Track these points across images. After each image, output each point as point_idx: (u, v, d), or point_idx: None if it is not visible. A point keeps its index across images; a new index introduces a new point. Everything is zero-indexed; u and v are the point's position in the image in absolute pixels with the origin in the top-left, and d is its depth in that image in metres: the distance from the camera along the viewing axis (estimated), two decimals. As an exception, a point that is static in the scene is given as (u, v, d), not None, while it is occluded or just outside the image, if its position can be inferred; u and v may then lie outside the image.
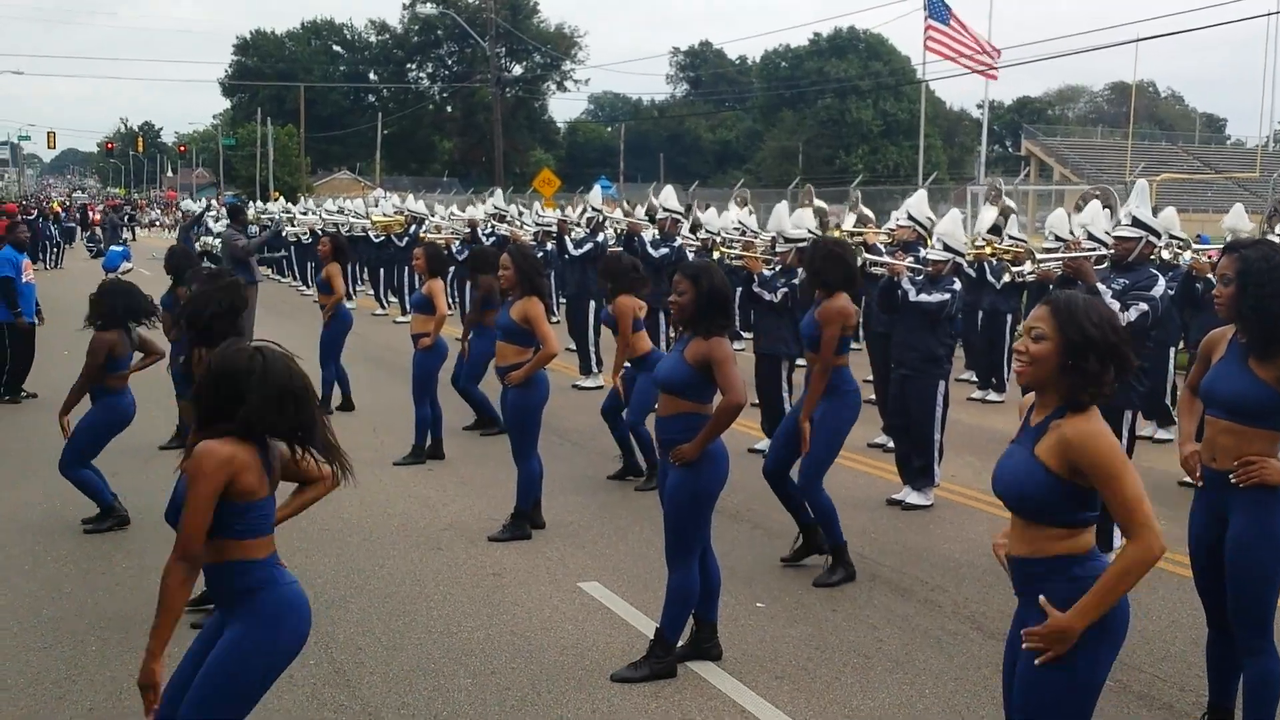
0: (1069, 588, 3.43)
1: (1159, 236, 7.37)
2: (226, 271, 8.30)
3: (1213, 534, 4.68)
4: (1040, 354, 3.43)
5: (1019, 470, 3.51)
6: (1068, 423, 3.43)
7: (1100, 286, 7.02)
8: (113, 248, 33.52)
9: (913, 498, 8.85)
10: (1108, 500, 3.41)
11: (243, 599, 3.81)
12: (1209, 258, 9.89)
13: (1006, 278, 11.08)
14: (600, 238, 15.05)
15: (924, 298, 8.64)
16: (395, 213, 23.87)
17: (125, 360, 8.16)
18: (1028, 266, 8.11)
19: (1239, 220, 11.27)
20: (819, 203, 16.29)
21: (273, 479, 3.91)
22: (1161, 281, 7.32)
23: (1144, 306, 7.05)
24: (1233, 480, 4.53)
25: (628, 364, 9.31)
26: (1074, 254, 7.52)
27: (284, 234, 26.15)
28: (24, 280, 12.89)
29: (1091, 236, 8.31)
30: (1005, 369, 13.32)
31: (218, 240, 23.54)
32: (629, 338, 9.09)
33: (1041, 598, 3.45)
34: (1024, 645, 3.48)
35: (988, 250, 12.45)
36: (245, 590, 3.81)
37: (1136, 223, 7.30)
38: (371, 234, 23.80)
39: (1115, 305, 6.99)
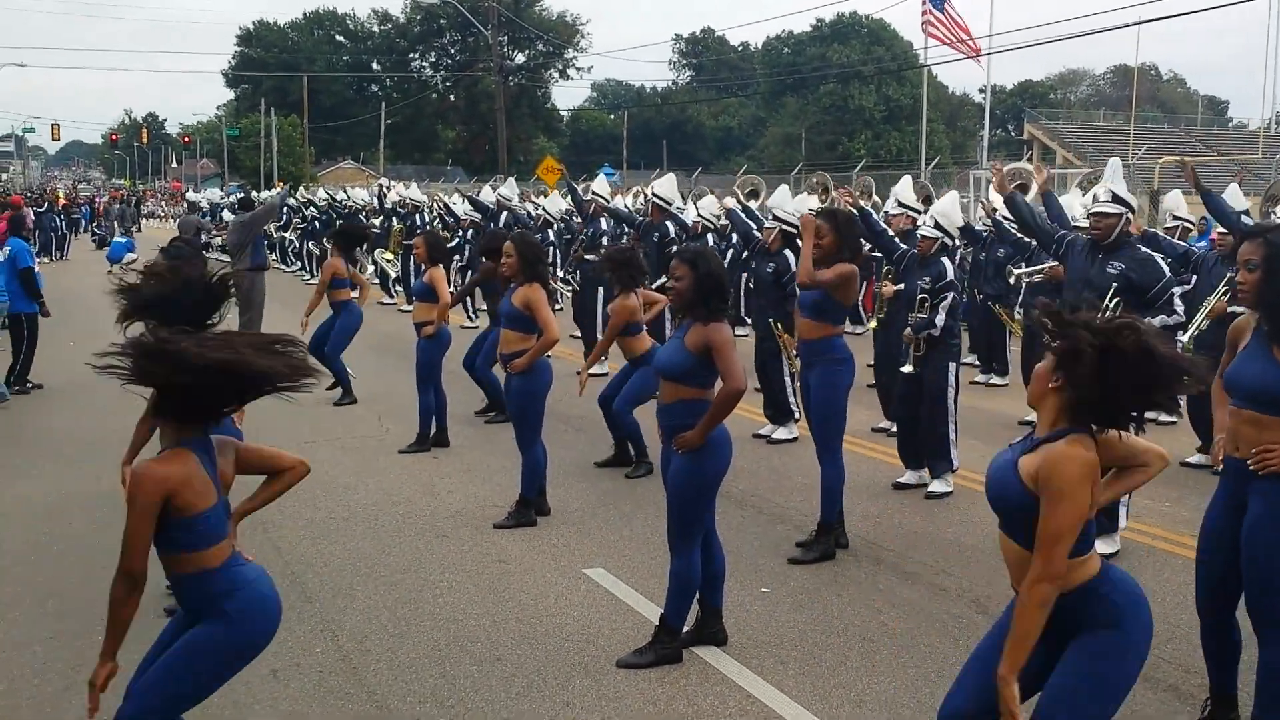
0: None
1: (1135, 212, 7.26)
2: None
3: (1230, 523, 4.61)
4: None
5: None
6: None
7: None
8: (117, 239, 33.57)
9: (935, 485, 8.71)
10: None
11: (208, 605, 3.84)
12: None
13: (1011, 280, 11.00)
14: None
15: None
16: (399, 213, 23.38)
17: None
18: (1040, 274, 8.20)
19: (1235, 200, 11.18)
20: (834, 193, 16.22)
21: (222, 483, 3.88)
22: (1165, 267, 7.22)
23: (1179, 315, 7.06)
24: (1251, 467, 4.46)
25: (628, 362, 9.39)
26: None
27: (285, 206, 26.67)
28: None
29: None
30: (1006, 352, 13.42)
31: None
32: (614, 334, 9.15)
33: None
34: None
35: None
36: (207, 599, 3.84)
37: (1117, 198, 7.14)
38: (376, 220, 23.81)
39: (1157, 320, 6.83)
